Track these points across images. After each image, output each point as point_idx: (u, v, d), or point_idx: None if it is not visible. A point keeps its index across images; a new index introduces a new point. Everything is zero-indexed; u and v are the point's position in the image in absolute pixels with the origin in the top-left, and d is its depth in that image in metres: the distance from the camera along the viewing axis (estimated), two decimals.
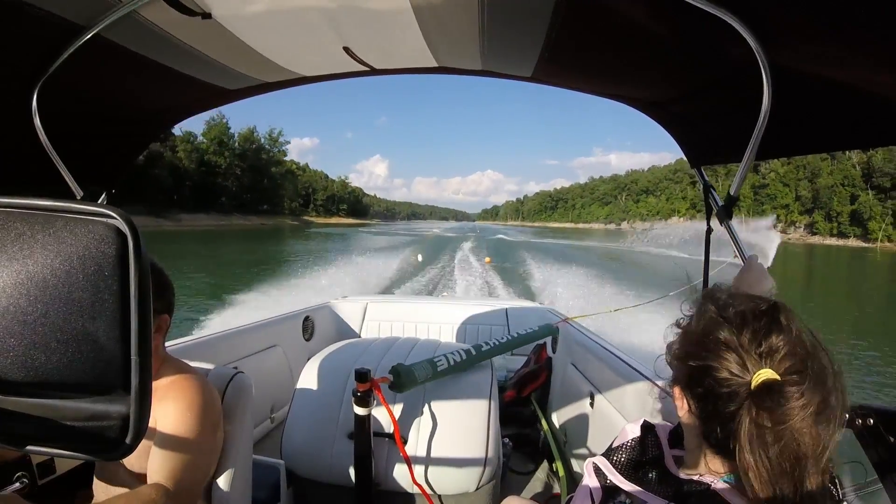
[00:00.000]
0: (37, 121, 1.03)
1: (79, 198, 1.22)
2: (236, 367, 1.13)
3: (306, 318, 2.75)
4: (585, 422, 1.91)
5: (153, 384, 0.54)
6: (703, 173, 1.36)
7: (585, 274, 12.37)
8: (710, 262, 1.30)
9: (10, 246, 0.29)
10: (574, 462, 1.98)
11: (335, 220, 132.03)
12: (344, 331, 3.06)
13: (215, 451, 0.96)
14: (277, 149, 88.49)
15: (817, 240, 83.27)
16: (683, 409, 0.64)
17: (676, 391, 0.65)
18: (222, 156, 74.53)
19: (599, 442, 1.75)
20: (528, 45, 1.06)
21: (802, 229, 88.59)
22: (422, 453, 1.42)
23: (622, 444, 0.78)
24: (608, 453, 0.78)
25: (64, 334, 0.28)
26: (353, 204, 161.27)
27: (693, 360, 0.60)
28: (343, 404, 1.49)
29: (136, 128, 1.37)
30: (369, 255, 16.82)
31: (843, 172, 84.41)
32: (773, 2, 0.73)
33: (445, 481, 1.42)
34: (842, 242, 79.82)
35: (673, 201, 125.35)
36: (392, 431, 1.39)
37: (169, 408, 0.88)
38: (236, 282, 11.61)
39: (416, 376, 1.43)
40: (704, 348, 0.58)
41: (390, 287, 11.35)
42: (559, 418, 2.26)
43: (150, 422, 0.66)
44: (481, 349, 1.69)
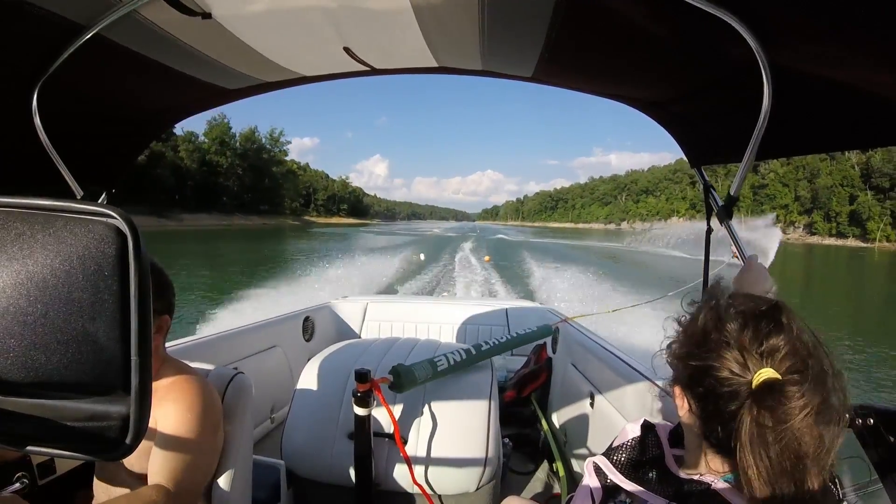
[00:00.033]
0: (37, 120, 1.03)
1: (79, 198, 1.22)
2: (236, 368, 1.13)
3: (306, 319, 2.75)
4: (585, 422, 1.91)
5: (153, 385, 0.54)
6: (704, 173, 1.36)
7: (585, 273, 12.39)
8: (710, 261, 1.31)
9: (10, 246, 0.29)
10: (574, 462, 1.98)
11: (336, 219, 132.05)
12: (344, 331, 3.06)
13: (216, 452, 0.96)
14: (278, 149, 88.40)
15: (816, 240, 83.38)
16: (684, 409, 0.64)
17: (677, 391, 0.65)
18: (224, 156, 74.47)
19: (599, 442, 1.75)
20: (528, 46, 1.06)
21: (801, 229, 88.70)
22: (422, 453, 1.42)
23: (622, 443, 0.78)
24: (608, 453, 0.78)
25: (64, 334, 0.28)
26: (353, 204, 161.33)
27: (694, 360, 0.60)
28: (343, 404, 1.49)
29: (136, 128, 1.37)
30: (372, 254, 17.20)
31: (843, 173, 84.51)
32: (773, 2, 0.73)
33: (445, 481, 1.42)
34: (840, 242, 79.97)
35: (672, 201, 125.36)
36: (392, 431, 1.39)
37: (169, 408, 0.87)
38: (244, 279, 11.76)
39: (416, 376, 1.43)
40: (705, 348, 0.58)
41: (394, 284, 11.52)
42: (559, 418, 2.26)
43: (151, 422, 0.66)
44: (481, 349, 1.69)
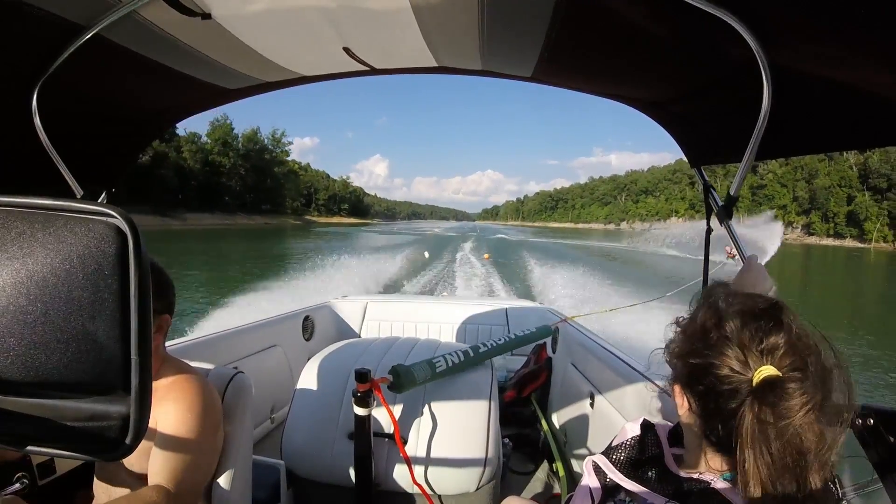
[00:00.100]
0: (37, 120, 1.03)
1: (79, 197, 1.22)
2: (236, 367, 1.13)
3: (306, 318, 2.75)
4: (585, 422, 1.91)
5: (153, 384, 0.54)
6: (703, 173, 1.36)
7: (584, 272, 12.42)
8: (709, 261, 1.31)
9: (10, 245, 0.29)
10: (574, 462, 1.98)
11: (336, 219, 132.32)
12: (344, 331, 3.06)
13: (216, 452, 0.96)
14: (280, 149, 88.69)
15: (814, 240, 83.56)
16: (683, 408, 0.64)
17: (676, 390, 0.65)
18: (226, 156, 74.85)
19: (599, 442, 1.75)
20: (527, 45, 1.06)
21: (800, 230, 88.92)
22: (422, 453, 1.42)
23: (622, 442, 0.78)
24: (608, 452, 0.78)
25: (64, 334, 0.28)
26: (354, 204, 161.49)
27: (693, 358, 0.60)
28: (343, 404, 1.49)
29: (136, 127, 1.37)
30: (375, 252, 17.51)
31: (840, 173, 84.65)
32: (773, 2, 0.73)
33: (445, 481, 1.42)
34: (838, 243, 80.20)
35: (672, 202, 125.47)
36: (392, 432, 1.39)
37: (169, 408, 0.87)
38: (250, 277, 11.88)
39: (416, 377, 1.43)
40: (705, 346, 0.59)
41: (400, 281, 11.77)
42: (559, 418, 2.26)
43: (151, 422, 0.66)
44: (480, 350, 1.69)
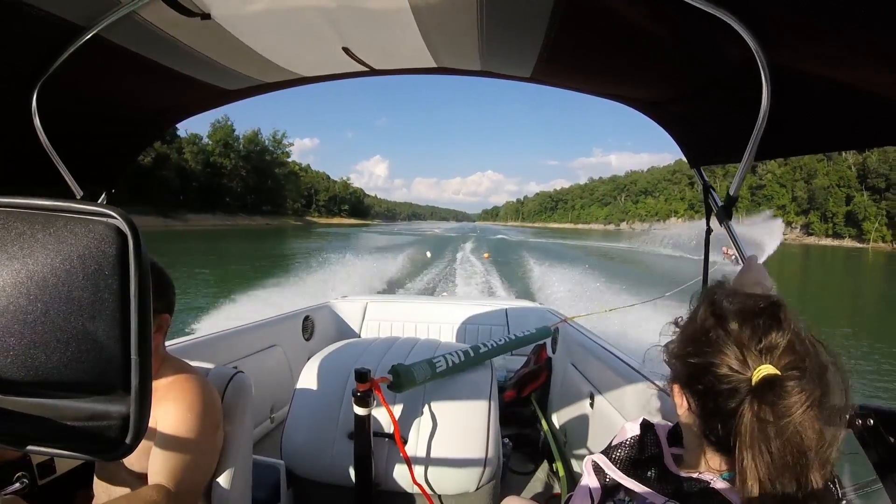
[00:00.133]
0: (37, 121, 1.03)
1: (79, 198, 1.22)
2: (236, 367, 1.13)
3: (306, 318, 2.75)
4: (585, 422, 1.91)
5: (153, 384, 0.54)
6: (703, 173, 1.36)
7: (583, 272, 12.45)
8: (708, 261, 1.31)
9: (10, 245, 0.29)
10: (574, 462, 1.98)
11: (337, 220, 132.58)
12: (344, 330, 3.06)
13: (215, 451, 0.96)
14: (281, 150, 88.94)
15: (813, 240, 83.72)
16: (683, 408, 0.64)
17: (675, 390, 0.65)
18: (228, 157, 75.10)
19: (599, 442, 1.74)
20: (527, 46, 1.06)
21: (798, 230, 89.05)
22: (422, 453, 1.42)
23: (621, 442, 0.78)
24: (607, 451, 0.78)
25: (64, 334, 0.28)
26: (354, 205, 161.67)
27: (692, 358, 0.60)
28: (343, 404, 1.49)
29: (136, 128, 1.37)
30: (377, 252, 17.90)
31: (839, 173, 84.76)
32: (772, 2, 0.73)
33: (445, 481, 1.42)
34: (837, 243, 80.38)
35: (671, 202, 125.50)
36: (392, 431, 1.39)
37: (169, 408, 0.87)
38: (256, 275, 12.16)
39: (416, 377, 1.43)
40: (704, 345, 0.59)
41: (403, 279, 12.03)
42: (559, 418, 2.26)
43: (151, 422, 0.66)
44: (480, 350, 1.69)
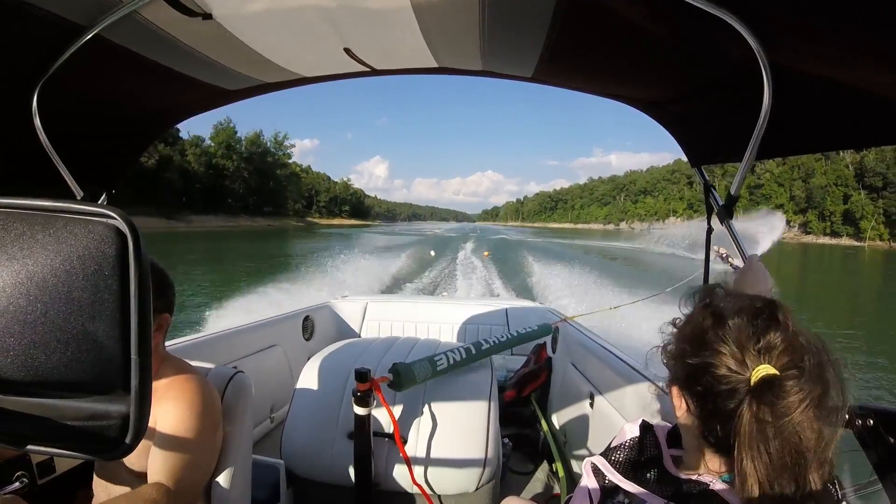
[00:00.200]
0: (37, 121, 1.03)
1: (79, 198, 1.22)
2: (236, 367, 1.13)
3: (306, 318, 2.75)
4: (585, 422, 1.91)
5: (153, 384, 0.54)
6: (704, 173, 1.36)
7: (582, 271, 12.51)
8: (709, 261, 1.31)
9: (10, 246, 0.29)
10: (574, 462, 1.98)
11: (338, 221, 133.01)
12: (344, 330, 3.06)
13: (215, 451, 0.96)
14: (282, 152, 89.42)
15: (811, 239, 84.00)
16: (682, 409, 0.64)
17: (674, 391, 0.65)
18: (230, 159, 75.65)
19: (599, 442, 1.75)
20: (528, 46, 1.06)
21: (797, 228, 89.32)
22: (422, 453, 1.42)
23: (621, 443, 0.78)
24: (606, 453, 0.78)
25: (64, 334, 0.28)
26: (355, 205, 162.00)
27: (691, 359, 0.60)
28: (343, 404, 1.49)
29: (136, 128, 1.37)
30: (381, 252, 18.19)
31: (837, 172, 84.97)
32: (773, 2, 0.73)
33: (445, 481, 1.42)
34: (835, 241, 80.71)
35: (670, 202, 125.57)
36: (392, 431, 1.39)
37: (169, 407, 0.88)
38: (256, 276, 12.21)
39: (416, 375, 1.43)
40: (702, 346, 0.59)
41: (407, 277, 12.37)
42: (559, 418, 2.26)
43: (150, 421, 0.66)
44: (481, 347, 1.69)
